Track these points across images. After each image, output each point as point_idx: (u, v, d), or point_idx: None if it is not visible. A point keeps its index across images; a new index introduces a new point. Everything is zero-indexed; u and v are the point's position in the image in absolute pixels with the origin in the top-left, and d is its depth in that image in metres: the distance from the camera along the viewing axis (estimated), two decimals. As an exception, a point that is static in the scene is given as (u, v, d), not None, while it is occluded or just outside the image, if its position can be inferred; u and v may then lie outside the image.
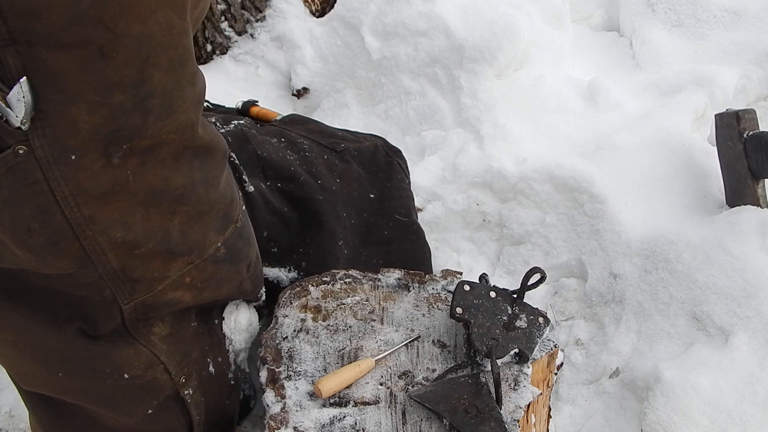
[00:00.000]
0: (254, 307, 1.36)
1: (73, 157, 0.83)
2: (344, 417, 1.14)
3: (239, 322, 1.29)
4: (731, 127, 1.79)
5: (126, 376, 1.07)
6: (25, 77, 0.76)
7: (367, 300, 1.35)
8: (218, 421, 1.29)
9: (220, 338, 1.25)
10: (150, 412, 1.14)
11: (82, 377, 1.06)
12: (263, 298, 1.36)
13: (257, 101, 2.06)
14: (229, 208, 1.11)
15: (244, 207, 1.19)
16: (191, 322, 1.16)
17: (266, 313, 1.58)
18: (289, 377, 1.20)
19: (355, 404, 1.16)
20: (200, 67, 2.75)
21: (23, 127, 0.79)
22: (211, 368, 1.22)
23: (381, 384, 1.20)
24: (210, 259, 1.09)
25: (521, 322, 1.25)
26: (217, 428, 1.30)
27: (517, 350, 1.23)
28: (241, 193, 1.54)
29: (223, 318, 1.27)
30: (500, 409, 1.14)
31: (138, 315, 1.04)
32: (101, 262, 0.94)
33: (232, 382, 1.30)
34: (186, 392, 1.16)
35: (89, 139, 0.83)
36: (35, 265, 0.92)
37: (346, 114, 2.32)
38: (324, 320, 1.31)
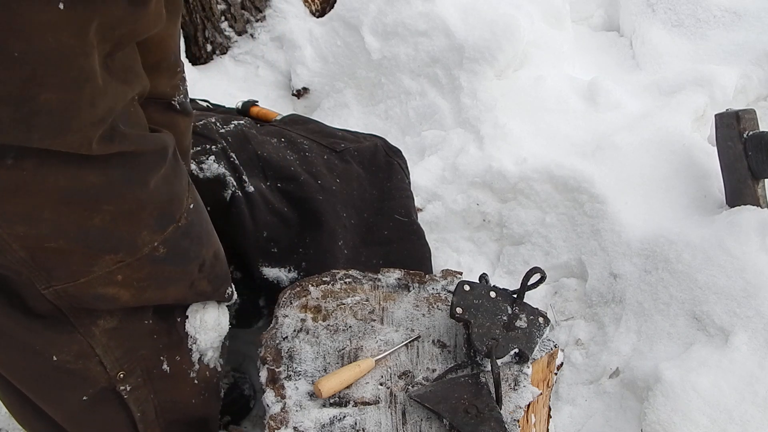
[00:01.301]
0: (226, 306, 1.33)
1: None
2: (344, 417, 1.14)
3: (205, 321, 1.26)
4: (731, 127, 1.79)
5: (54, 359, 1.07)
6: None
7: (367, 300, 1.35)
8: (181, 420, 1.28)
9: (181, 337, 1.23)
10: (85, 399, 1.13)
11: (13, 352, 1.07)
12: (234, 297, 1.32)
13: (257, 101, 2.06)
14: (167, 207, 1.08)
15: (192, 206, 1.14)
16: (145, 320, 1.15)
17: (266, 313, 1.58)
18: (289, 377, 1.20)
19: (355, 404, 1.16)
20: (200, 67, 2.73)
21: None
22: (165, 366, 1.20)
23: (381, 384, 1.20)
24: (146, 259, 1.06)
25: (521, 322, 1.25)
26: (183, 428, 1.29)
27: (517, 350, 1.23)
28: (241, 193, 1.54)
29: (187, 317, 1.24)
30: (500, 409, 1.14)
31: (71, 303, 1.03)
32: (8, 251, 0.93)
33: (197, 382, 1.28)
34: (123, 388, 1.15)
35: None
36: None
37: (346, 114, 2.32)
38: (324, 320, 1.30)
